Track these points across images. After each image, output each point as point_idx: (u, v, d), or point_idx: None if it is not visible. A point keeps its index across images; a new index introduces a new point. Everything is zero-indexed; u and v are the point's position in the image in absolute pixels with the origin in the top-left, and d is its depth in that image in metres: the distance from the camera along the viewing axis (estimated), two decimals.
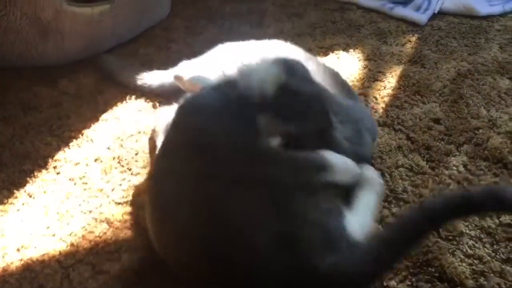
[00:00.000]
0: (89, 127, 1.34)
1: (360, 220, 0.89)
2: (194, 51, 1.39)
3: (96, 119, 1.36)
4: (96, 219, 1.08)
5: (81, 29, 1.55)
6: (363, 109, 1.25)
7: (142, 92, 1.42)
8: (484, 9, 1.73)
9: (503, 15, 1.74)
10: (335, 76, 1.22)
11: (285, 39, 1.34)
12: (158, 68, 1.54)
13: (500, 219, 1.02)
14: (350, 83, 1.43)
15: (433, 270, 0.93)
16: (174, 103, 1.13)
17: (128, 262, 0.98)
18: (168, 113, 1.08)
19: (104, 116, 1.37)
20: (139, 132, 1.30)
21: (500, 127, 1.24)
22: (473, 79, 1.42)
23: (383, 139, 1.24)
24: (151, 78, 1.42)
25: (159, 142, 1.10)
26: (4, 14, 1.42)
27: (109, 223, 1.07)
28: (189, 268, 0.85)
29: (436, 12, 1.75)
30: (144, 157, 1.23)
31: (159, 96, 1.40)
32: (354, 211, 0.90)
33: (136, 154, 1.24)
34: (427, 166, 1.16)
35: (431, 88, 1.40)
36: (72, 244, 1.03)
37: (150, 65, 1.56)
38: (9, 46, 1.50)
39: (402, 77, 1.45)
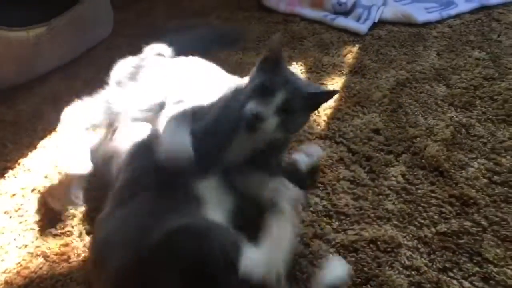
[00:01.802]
0: (26, 155, 1.30)
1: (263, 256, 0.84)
2: None
3: (34, 146, 1.32)
4: (31, 254, 1.04)
5: (16, 53, 1.51)
6: None
7: None
8: (421, 16, 1.78)
9: (440, 21, 1.78)
10: None
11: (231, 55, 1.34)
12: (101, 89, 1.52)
13: (437, 228, 1.04)
14: None
15: (372, 286, 0.95)
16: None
17: None
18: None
19: (42, 143, 1.33)
20: None
21: (437, 135, 1.27)
22: (412, 87, 1.46)
23: (324, 153, 1.25)
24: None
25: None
26: None
27: (45, 257, 1.03)
28: None
29: (376, 21, 1.78)
30: None
31: None
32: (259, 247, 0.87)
33: None
34: (368, 177, 1.17)
35: (371, 98, 1.42)
36: (6, 282, 0.99)
37: (92, 87, 1.52)
38: None
39: (344, 88, 1.47)
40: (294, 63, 1.61)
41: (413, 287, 0.94)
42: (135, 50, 1.76)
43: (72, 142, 1.08)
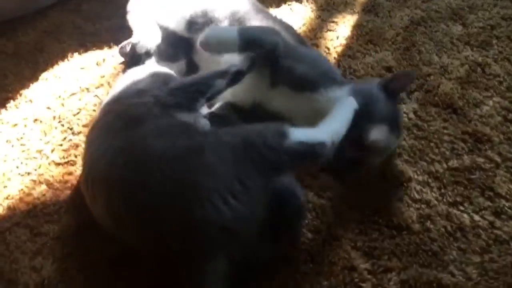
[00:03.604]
0: (28, 87, 1.26)
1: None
2: None
3: (35, 78, 1.29)
4: (34, 181, 1.03)
5: None
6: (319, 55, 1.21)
7: None
8: None
9: None
10: (289, 29, 1.17)
11: None
12: (102, 25, 1.47)
13: (448, 163, 1.01)
14: (303, 34, 1.38)
15: (380, 219, 0.93)
16: None
17: (68, 223, 0.94)
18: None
19: (44, 75, 1.29)
20: (82, 90, 1.24)
21: (451, 73, 1.23)
22: (426, 26, 1.40)
23: None
24: None
25: None
26: None
27: (48, 184, 1.02)
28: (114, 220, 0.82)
29: None
30: (86, 115, 1.17)
31: None
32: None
33: (78, 113, 1.18)
34: None
35: (384, 36, 1.37)
36: (8, 208, 0.98)
37: (94, 22, 1.48)
38: None
39: (355, 27, 1.41)
40: (304, 1, 1.54)
41: (423, 219, 0.92)
42: None
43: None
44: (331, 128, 0.86)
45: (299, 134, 0.81)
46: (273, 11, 1.49)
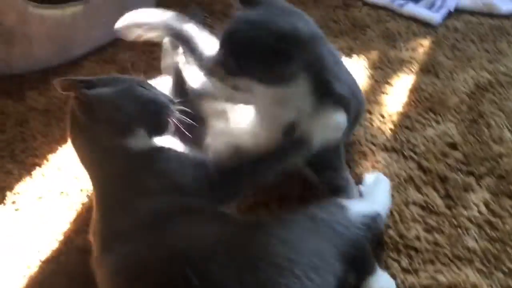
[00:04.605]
0: (56, 151, 1.18)
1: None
2: None
3: (64, 141, 1.20)
4: (55, 272, 0.92)
5: (51, 33, 1.39)
6: None
7: None
8: (505, 5, 1.55)
9: None
10: None
11: None
12: (139, 76, 1.38)
13: None
14: None
15: None
16: None
17: None
18: None
19: None
20: None
21: None
22: (495, 92, 1.25)
23: (391, 169, 1.07)
24: None
25: None
26: None
27: (71, 278, 0.91)
28: None
29: (452, 10, 1.56)
30: None
31: None
32: None
33: None
34: (443, 204, 1.00)
35: (446, 103, 1.23)
36: None
37: (130, 73, 1.39)
38: None
39: (413, 90, 1.28)
40: (355, 55, 1.42)
41: None
42: None
43: None
44: (378, 200, 0.93)
45: (357, 207, 0.85)
46: None
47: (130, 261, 0.74)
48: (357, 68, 1.37)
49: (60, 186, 1.09)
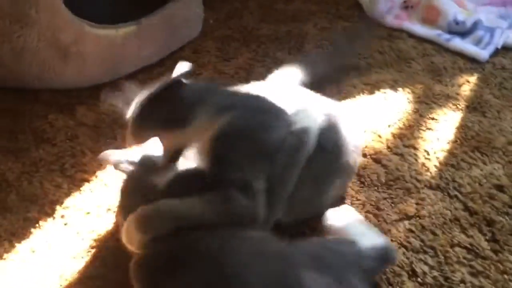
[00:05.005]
0: (104, 167, 1.21)
1: None
2: (224, 77, 1.26)
3: None
4: None
5: (104, 52, 1.43)
6: None
7: None
8: None
9: None
10: None
11: None
12: None
13: None
14: (398, 131, 1.26)
15: None
16: None
17: None
18: None
19: None
20: None
21: None
22: None
23: (435, 207, 1.07)
24: None
25: None
26: (20, 35, 1.30)
27: None
28: None
29: (499, 47, 1.55)
30: None
31: None
32: None
33: None
34: (489, 248, 0.98)
35: (493, 144, 1.21)
36: None
37: None
38: (26, 67, 1.38)
39: (459, 128, 1.27)
40: (400, 88, 1.42)
41: None
42: (223, 54, 1.66)
43: None
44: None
45: (365, 241, 0.88)
46: (365, 98, 1.38)
47: None
48: (402, 101, 1.37)
49: (107, 202, 1.12)
